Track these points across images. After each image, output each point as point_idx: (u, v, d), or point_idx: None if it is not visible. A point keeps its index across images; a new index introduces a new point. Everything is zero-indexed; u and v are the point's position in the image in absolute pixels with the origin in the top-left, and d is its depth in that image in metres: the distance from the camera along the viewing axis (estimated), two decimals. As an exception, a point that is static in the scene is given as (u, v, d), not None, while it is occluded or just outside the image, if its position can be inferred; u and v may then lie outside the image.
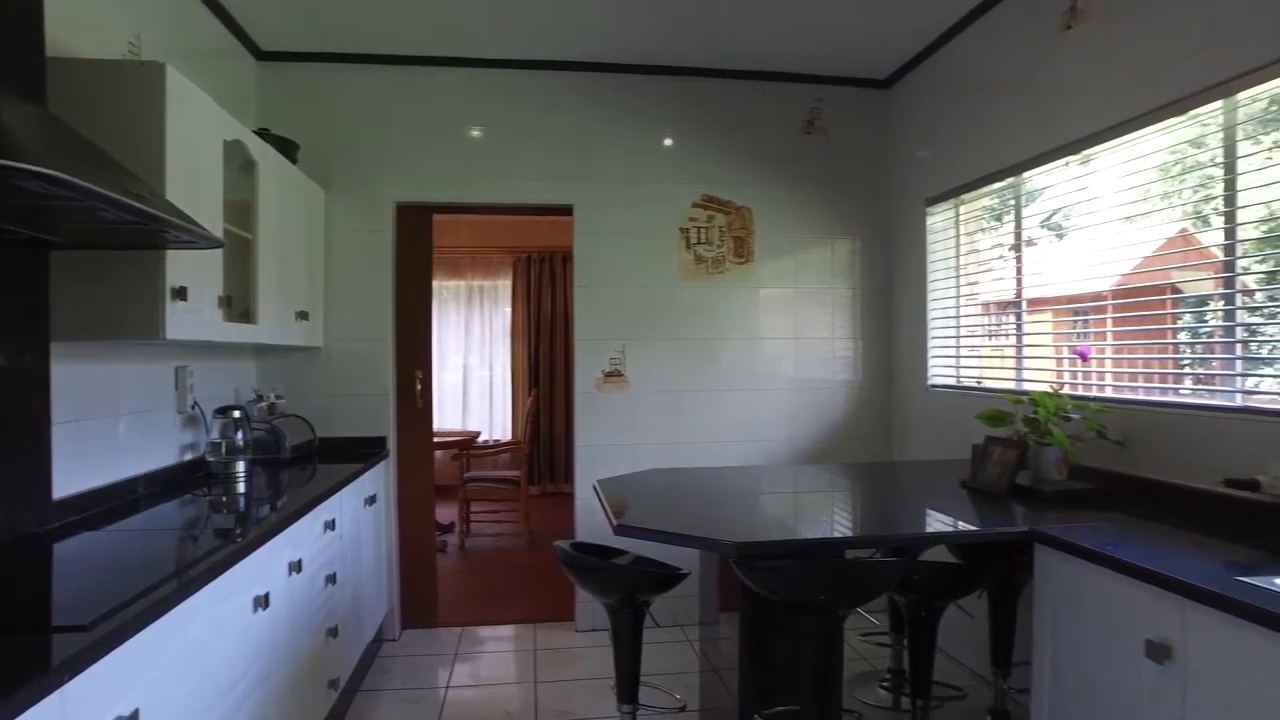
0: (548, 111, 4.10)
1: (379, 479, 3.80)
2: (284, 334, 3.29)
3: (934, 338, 4.01)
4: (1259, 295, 2.39)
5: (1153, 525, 2.20)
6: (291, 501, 2.62)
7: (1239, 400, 2.35)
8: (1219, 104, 2.37)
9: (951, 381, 3.87)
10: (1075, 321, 3.23)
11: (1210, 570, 1.72)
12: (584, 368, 4.14)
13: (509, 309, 8.09)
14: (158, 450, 2.79)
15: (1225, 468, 2.23)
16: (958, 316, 3.83)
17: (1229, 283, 2.40)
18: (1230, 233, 2.38)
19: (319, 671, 2.65)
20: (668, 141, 4.20)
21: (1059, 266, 3.19)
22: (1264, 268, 2.35)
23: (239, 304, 2.89)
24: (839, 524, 2.51)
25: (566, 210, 4.15)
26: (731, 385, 4.25)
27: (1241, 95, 2.30)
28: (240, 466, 2.99)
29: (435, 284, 6.69)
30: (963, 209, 3.79)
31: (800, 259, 4.34)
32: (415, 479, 4.13)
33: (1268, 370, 2.37)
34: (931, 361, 4.02)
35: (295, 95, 3.89)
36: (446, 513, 6.24)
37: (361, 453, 3.70)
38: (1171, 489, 2.43)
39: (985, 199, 3.65)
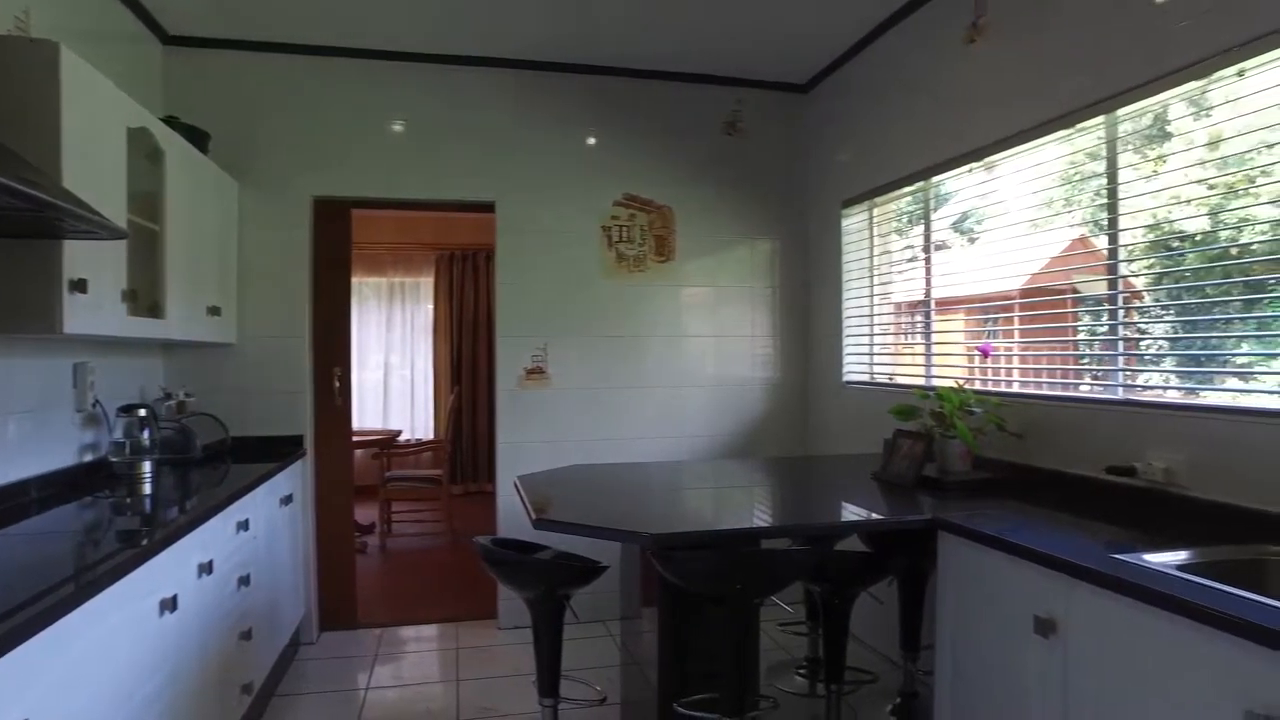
0: (471, 108, 4.07)
1: (295, 478, 3.71)
2: (194, 330, 3.18)
3: (849, 336, 4.15)
4: (1147, 298, 2.57)
5: (1044, 511, 2.34)
6: (202, 501, 2.54)
7: (1120, 394, 2.52)
8: (1102, 119, 2.54)
9: (865, 378, 4.01)
10: (985, 320, 3.40)
11: (1091, 550, 1.85)
12: (506, 365, 4.13)
13: (431, 306, 7.98)
14: (54, 451, 2.67)
15: (1108, 456, 2.40)
16: (871, 315, 3.97)
17: (1112, 284, 2.57)
18: (1114, 238, 2.55)
19: (231, 675, 2.58)
20: (590, 140, 4.23)
21: (969, 268, 3.34)
22: (1149, 272, 2.53)
23: (146, 298, 2.78)
24: (754, 515, 2.58)
25: (489, 207, 4.13)
26: (653, 382, 4.31)
27: (1121, 111, 2.47)
28: (146, 467, 2.87)
29: (355, 280, 6.57)
30: (876, 211, 3.94)
31: (721, 258, 4.43)
32: (333, 478, 4.04)
33: (1152, 367, 2.55)
34: (846, 359, 4.16)
35: (206, 83, 3.76)
36: (367, 513, 6.12)
37: (277, 451, 3.60)
38: (1062, 477, 2.59)
39: (898, 202, 3.80)
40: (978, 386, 3.11)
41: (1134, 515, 2.22)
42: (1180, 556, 1.80)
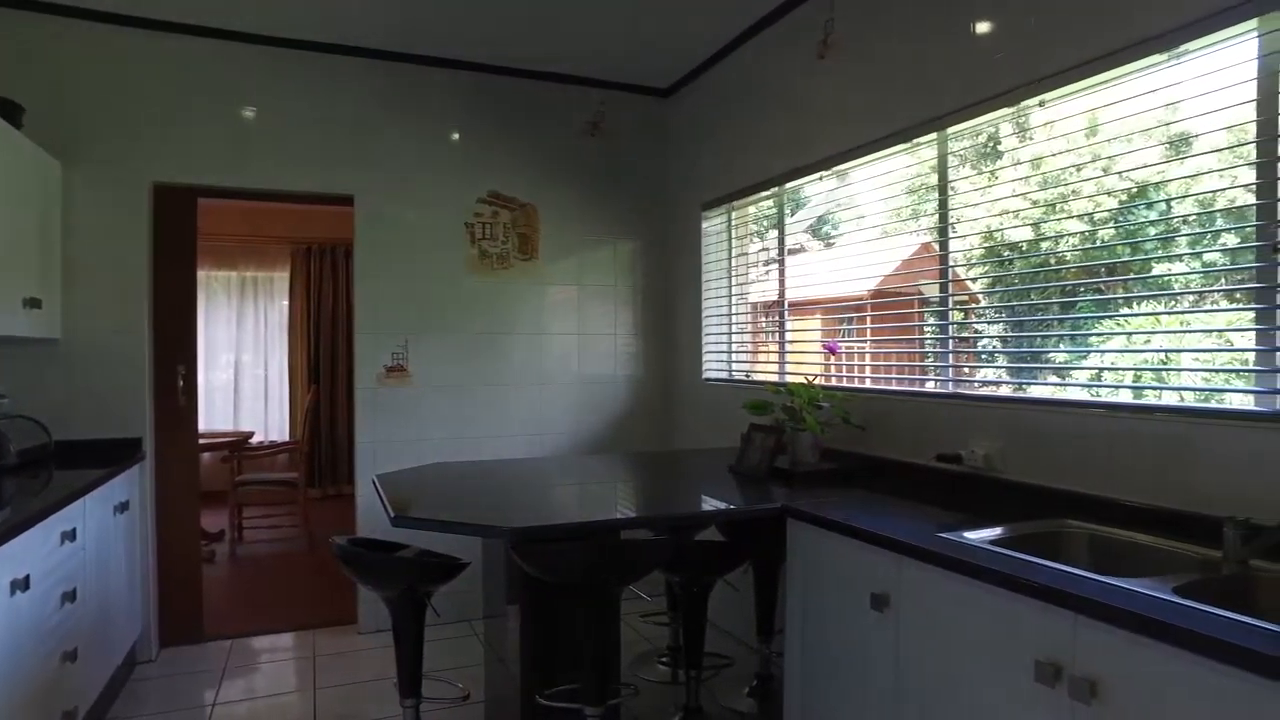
0: (330, 97, 3.93)
1: (132, 484, 3.46)
2: (8, 324, 2.91)
3: (708, 334, 4.30)
4: (983, 301, 2.82)
5: (884, 497, 2.53)
6: (16, 511, 2.33)
7: (951, 388, 2.76)
8: (934, 136, 2.76)
9: (724, 375, 4.17)
10: (840, 321, 3.60)
11: (920, 530, 2.01)
12: (365, 362, 4.01)
13: (287, 302, 7.61)
14: None
15: (940, 445, 2.61)
16: (730, 315, 4.13)
17: (943, 288, 2.81)
18: (944, 245, 2.78)
19: (51, 701, 2.38)
20: (455, 136, 4.17)
21: (825, 271, 3.53)
22: (986, 276, 2.77)
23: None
24: (614, 508, 2.64)
25: (348, 201, 3.99)
26: (517, 380, 4.31)
27: (950, 130, 2.70)
28: (-49, 475, 2.61)
29: (202, 274, 6.19)
30: (735, 215, 4.10)
31: (584, 257, 4.47)
32: (177, 483, 3.79)
33: (985, 363, 2.80)
34: (706, 357, 4.30)
35: (20, 51, 3.43)
36: (217, 520, 5.78)
37: (111, 456, 3.33)
38: (900, 465, 2.81)
39: (755, 206, 3.97)
40: (831, 383, 3.30)
41: (959, 498, 2.43)
42: (995, 533, 2.00)
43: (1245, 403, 1.92)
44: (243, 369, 7.60)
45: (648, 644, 3.73)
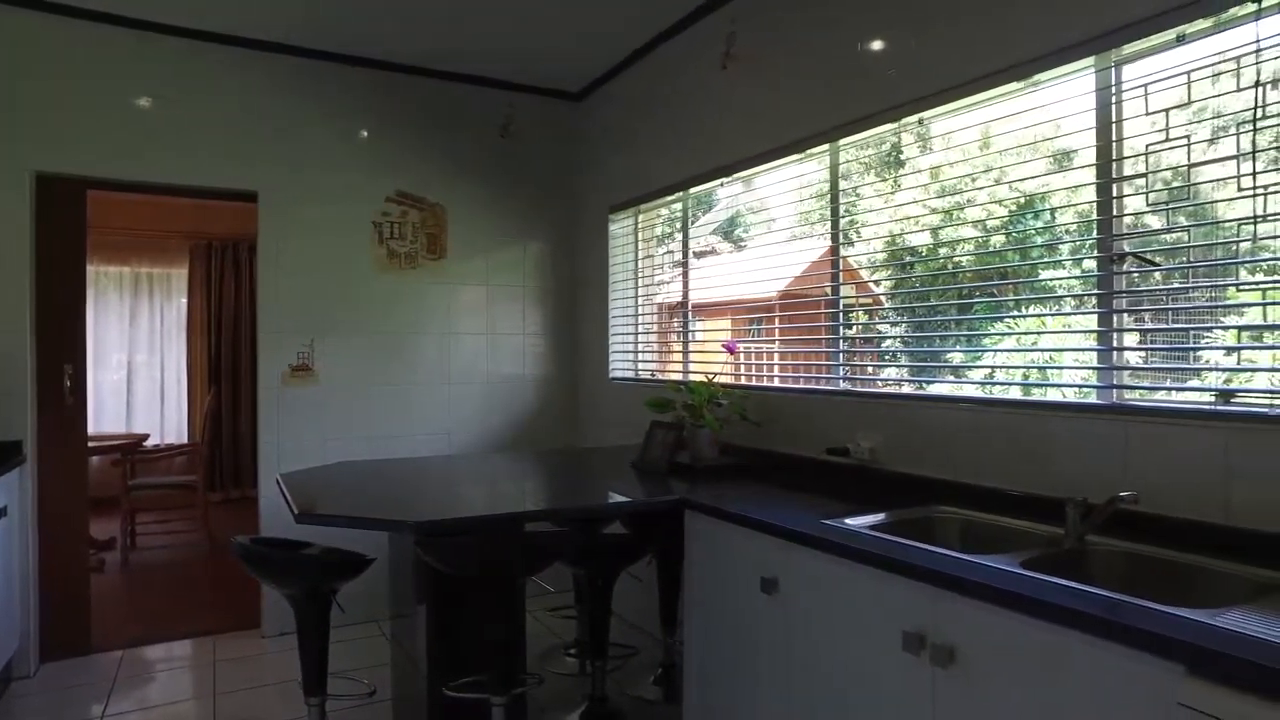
0: (235, 91, 3.84)
1: (10, 490, 3.29)
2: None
3: (615, 335, 4.40)
4: (885, 303, 3.00)
5: (777, 489, 2.66)
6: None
7: (841, 385, 2.93)
8: (826, 147, 2.93)
9: (630, 374, 4.28)
10: (749, 322, 3.74)
11: (807, 518, 2.15)
12: (269, 362, 3.94)
13: (185, 300, 7.32)
14: None
15: (830, 439, 2.78)
16: (636, 316, 4.24)
17: (834, 290, 2.98)
18: (836, 250, 2.95)
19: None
20: (363, 133, 4.14)
21: (733, 274, 3.65)
22: (889, 279, 2.96)
23: None
24: (518, 502, 2.70)
25: (251, 197, 3.91)
26: (426, 379, 4.30)
27: (843, 141, 2.87)
28: None
29: (92, 269, 5.91)
30: (641, 218, 4.21)
31: (494, 257, 4.51)
32: (62, 488, 3.63)
33: (887, 363, 2.98)
34: (613, 356, 4.40)
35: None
36: (109, 526, 5.53)
37: (-12, 460, 3.19)
38: (794, 459, 2.96)
39: (661, 210, 4.09)
40: (740, 381, 3.44)
41: (847, 488, 2.60)
42: (875, 519, 2.15)
43: (1090, 396, 2.13)
44: (137, 369, 7.28)
45: (555, 638, 3.80)
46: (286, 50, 3.93)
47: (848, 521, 2.08)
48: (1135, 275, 2.05)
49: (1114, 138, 2.03)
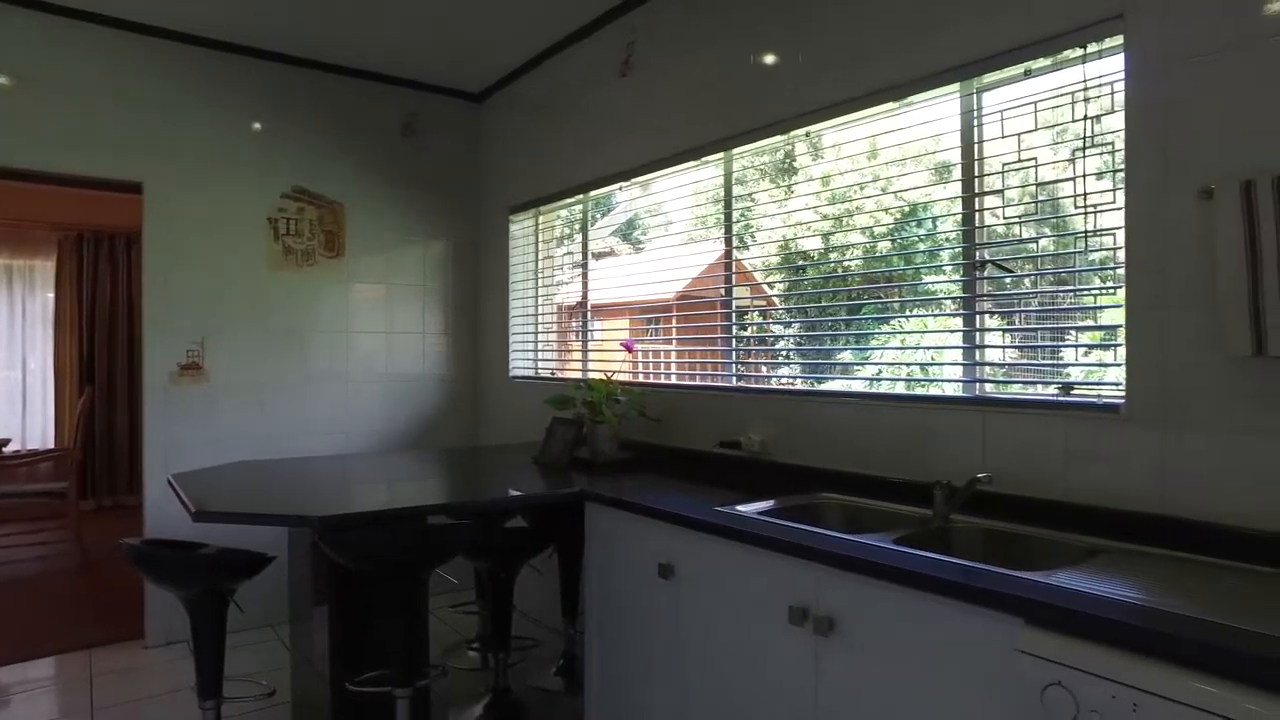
0: (115, 74, 3.66)
1: None
2: None
3: (515, 334, 4.45)
4: (778, 304, 3.16)
5: (674, 480, 2.79)
6: None
7: (735, 382, 3.09)
8: (721, 155, 3.09)
9: (530, 373, 4.34)
10: (648, 322, 3.85)
11: (700, 506, 2.28)
12: (155, 360, 3.78)
13: (53, 295, 6.87)
14: None
15: (724, 433, 2.93)
16: (536, 316, 4.31)
17: (728, 292, 3.14)
18: (729, 254, 3.11)
19: None
20: (256, 126, 4.03)
21: (634, 275, 3.75)
22: (782, 282, 3.12)
23: None
24: (420, 497, 2.72)
25: (135, 188, 3.75)
26: (323, 378, 4.23)
27: (735, 150, 3.03)
28: None
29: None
30: (541, 219, 4.28)
31: (394, 257, 4.47)
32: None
33: (781, 361, 3.15)
34: (513, 355, 4.46)
35: None
36: (-39, 540, 5.14)
37: None
38: (690, 452, 3.10)
39: (560, 212, 4.17)
40: (639, 379, 3.55)
41: (739, 478, 2.75)
42: (765, 505, 2.30)
43: (957, 390, 2.35)
44: (-6, 369, 6.78)
45: (458, 635, 3.81)
46: (176, 37, 3.78)
47: (739, 508, 2.23)
48: (988, 281, 2.29)
49: (976, 156, 2.27)
